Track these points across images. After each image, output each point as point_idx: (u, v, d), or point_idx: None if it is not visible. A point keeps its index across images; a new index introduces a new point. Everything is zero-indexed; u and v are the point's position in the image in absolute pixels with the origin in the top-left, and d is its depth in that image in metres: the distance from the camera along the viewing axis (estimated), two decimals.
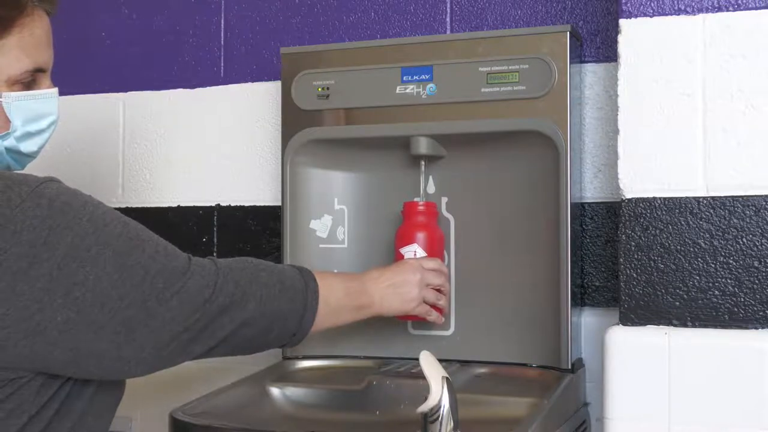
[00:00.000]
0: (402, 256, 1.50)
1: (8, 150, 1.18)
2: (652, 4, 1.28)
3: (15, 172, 1.14)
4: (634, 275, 1.28)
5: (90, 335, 1.02)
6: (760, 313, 1.22)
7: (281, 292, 1.19)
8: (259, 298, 1.15)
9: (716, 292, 1.24)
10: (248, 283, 1.15)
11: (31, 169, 1.22)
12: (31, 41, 1.15)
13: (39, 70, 1.18)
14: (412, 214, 1.53)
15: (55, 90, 1.21)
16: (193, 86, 1.86)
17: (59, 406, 1.08)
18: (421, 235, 1.51)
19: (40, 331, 1.00)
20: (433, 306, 1.46)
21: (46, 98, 1.19)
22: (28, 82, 1.17)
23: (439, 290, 1.46)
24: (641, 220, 1.27)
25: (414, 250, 1.50)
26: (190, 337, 1.09)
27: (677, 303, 1.25)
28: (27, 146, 1.19)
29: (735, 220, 1.23)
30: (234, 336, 1.14)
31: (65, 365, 1.04)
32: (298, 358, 1.60)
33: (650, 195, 1.27)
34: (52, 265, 1.00)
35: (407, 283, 1.39)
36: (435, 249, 1.52)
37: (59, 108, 1.23)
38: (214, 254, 1.82)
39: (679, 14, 1.26)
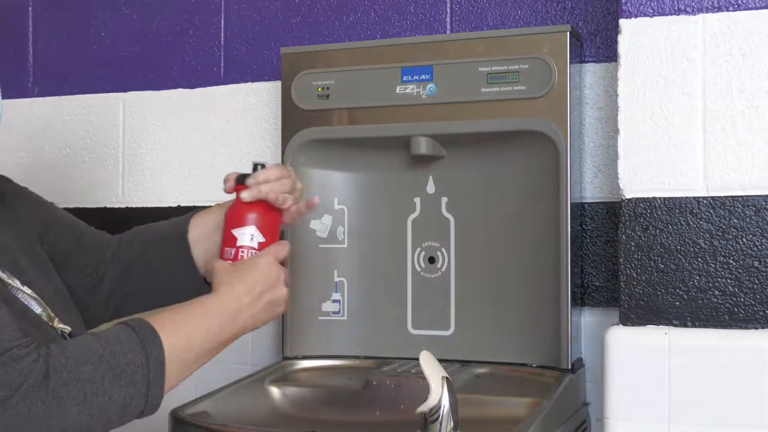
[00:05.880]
0: (234, 238, 1.27)
1: None
2: (652, 4, 1.28)
3: None
4: (634, 275, 1.28)
5: None
6: (760, 313, 1.22)
7: (112, 381, 1.02)
8: (81, 400, 0.99)
9: (716, 292, 1.24)
10: (64, 386, 0.98)
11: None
12: None
13: None
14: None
15: None
16: (193, 86, 1.86)
17: None
18: (255, 216, 1.27)
19: None
20: None
21: None
22: None
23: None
24: (641, 220, 1.27)
25: (251, 233, 1.27)
26: None
27: (677, 303, 1.25)
28: None
29: (735, 220, 1.23)
30: None
31: None
32: (298, 358, 1.60)
33: (650, 195, 1.27)
34: None
35: (273, 288, 1.22)
36: (274, 232, 1.30)
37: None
38: None
39: (679, 14, 1.26)
